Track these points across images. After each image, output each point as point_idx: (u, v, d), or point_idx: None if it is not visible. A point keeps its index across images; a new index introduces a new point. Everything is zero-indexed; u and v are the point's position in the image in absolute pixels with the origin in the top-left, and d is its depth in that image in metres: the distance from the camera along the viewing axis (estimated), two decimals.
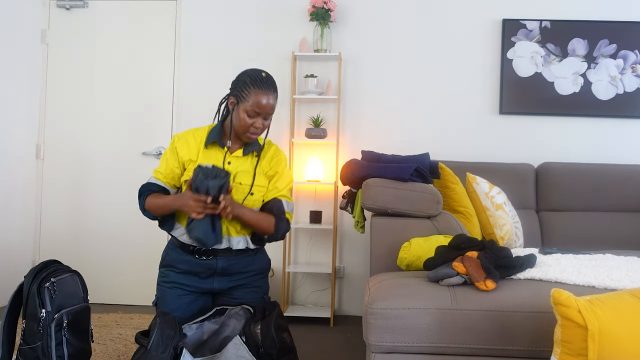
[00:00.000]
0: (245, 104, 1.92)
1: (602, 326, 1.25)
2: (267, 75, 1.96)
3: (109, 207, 3.73)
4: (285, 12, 3.69)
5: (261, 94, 1.91)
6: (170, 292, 2.01)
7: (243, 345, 1.75)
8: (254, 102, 1.91)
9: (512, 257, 1.81)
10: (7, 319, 1.95)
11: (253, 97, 1.91)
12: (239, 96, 1.94)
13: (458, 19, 3.62)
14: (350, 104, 3.65)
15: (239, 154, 2.02)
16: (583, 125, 3.54)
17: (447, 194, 2.59)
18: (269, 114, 1.95)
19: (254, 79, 1.92)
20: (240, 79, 1.96)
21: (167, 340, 1.69)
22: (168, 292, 2.01)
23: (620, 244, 3.02)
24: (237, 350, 1.74)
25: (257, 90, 1.91)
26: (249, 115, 1.93)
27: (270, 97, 1.93)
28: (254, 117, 1.93)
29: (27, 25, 3.71)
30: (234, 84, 1.97)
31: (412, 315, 1.60)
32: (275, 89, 1.96)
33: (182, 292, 2.01)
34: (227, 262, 2.01)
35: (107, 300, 3.71)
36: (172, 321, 1.77)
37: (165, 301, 2.01)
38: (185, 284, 2.01)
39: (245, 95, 1.92)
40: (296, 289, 3.67)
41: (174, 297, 2.00)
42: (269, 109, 1.93)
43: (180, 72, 3.72)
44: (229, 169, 1.98)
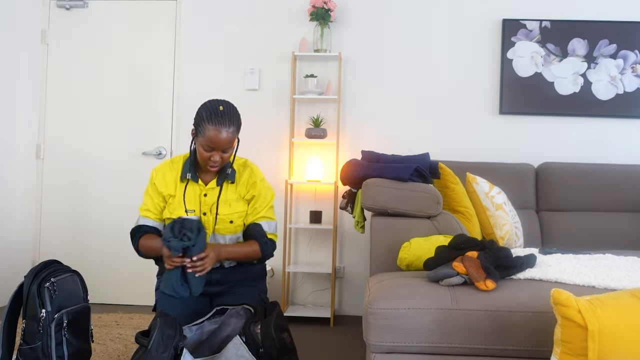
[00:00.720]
0: (201, 139, 1.91)
1: (602, 326, 1.25)
2: (225, 108, 1.91)
3: (109, 207, 3.73)
4: (285, 12, 3.69)
5: (215, 130, 1.88)
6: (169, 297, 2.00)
7: (243, 345, 1.75)
8: (208, 137, 1.88)
9: (512, 257, 1.81)
10: (7, 319, 1.95)
11: (207, 132, 1.88)
12: (197, 130, 1.93)
13: (458, 19, 3.62)
14: (350, 104, 3.65)
15: (213, 185, 2.03)
16: (583, 125, 3.54)
17: (447, 194, 2.59)
18: (226, 147, 1.92)
19: (209, 114, 1.89)
20: (199, 113, 1.93)
21: (167, 341, 1.69)
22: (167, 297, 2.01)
23: (620, 244, 3.02)
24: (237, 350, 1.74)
25: (210, 126, 1.88)
26: (205, 150, 1.92)
27: (225, 132, 1.88)
28: (210, 152, 1.92)
29: (27, 25, 3.71)
30: (195, 116, 1.96)
31: (412, 315, 1.60)
32: (233, 121, 1.91)
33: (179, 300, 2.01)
34: (222, 273, 2.08)
35: (107, 300, 3.71)
36: (173, 321, 1.77)
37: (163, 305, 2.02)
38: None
39: (201, 129, 1.90)
40: (296, 289, 3.67)
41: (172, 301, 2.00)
42: (223, 143, 1.90)
43: (180, 72, 3.72)
44: (205, 201, 2.01)
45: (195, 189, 2.03)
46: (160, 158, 3.71)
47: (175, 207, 2.01)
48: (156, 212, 2.04)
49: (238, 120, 1.94)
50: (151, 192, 2.05)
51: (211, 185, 2.03)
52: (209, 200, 2.02)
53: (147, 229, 2.04)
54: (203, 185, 2.03)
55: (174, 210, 2.01)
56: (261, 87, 3.68)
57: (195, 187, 2.03)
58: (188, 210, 2.00)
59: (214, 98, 2.00)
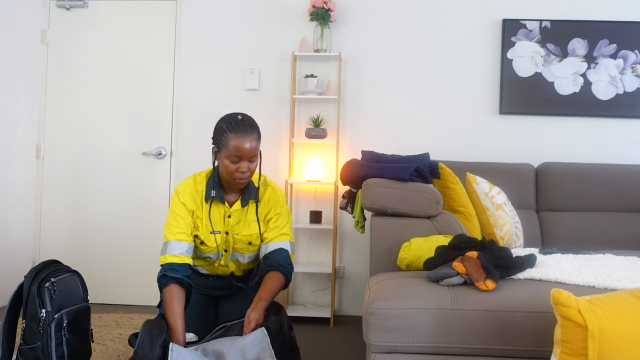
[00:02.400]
0: (226, 151, 1.87)
1: (602, 326, 1.25)
2: (244, 117, 1.90)
3: (109, 207, 3.73)
4: (285, 12, 3.69)
5: (239, 139, 1.85)
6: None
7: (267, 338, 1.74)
8: (234, 148, 1.85)
9: (512, 257, 1.80)
10: (7, 319, 1.95)
11: (232, 143, 1.85)
12: (219, 144, 1.89)
13: (458, 19, 3.62)
14: (350, 104, 3.65)
15: (237, 206, 1.99)
16: (583, 125, 3.54)
17: (447, 194, 2.59)
18: (252, 156, 1.89)
19: (230, 124, 1.87)
20: (218, 127, 1.91)
21: (152, 339, 1.69)
22: None
23: (620, 244, 3.02)
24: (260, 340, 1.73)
25: (233, 136, 1.85)
26: (232, 162, 1.88)
27: (250, 140, 1.86)
28: (237, 163, 1.88)
29: (27, 25, 3.71)
30: (214, 133, 1.93)
31: (412, 315, 1.60)
32: (255, 128, 1.90)
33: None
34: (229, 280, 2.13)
35: (107, 300, 3.71)
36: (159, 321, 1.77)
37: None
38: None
39: (224, 142, 1.87)
40: (296, 289, 3.67)
41: None
42: (250, 151, 1.87)
43: (180, 71, 3.72)
44: (229, 222, 1.99)
45: (219, 209, 1.99)
46: (160, 158, 3.71)
47: (202, 230, 1.98)
48: (188, 231, 1.96)
49: (258, 129, 1.92)
50: (179, 212, 1.95)
51: (236, 207, 1.99)
52: (232, 221, 2.00)
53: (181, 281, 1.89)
54: (227, 207, 1.99)
55: (201, 232, 1.97)
56: (261, 87, 3.68)
57: (219, 208, 1.99)
58: (214, 231, 1.98)
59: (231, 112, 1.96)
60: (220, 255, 2.04)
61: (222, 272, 2.10)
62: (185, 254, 1.93)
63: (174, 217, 1.95)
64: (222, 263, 2.06)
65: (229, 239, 2.02)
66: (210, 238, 1.98)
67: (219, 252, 2.03)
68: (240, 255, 2.06)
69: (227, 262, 2.07)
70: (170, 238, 1.93)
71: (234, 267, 2.10)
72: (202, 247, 2.01)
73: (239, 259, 2.07)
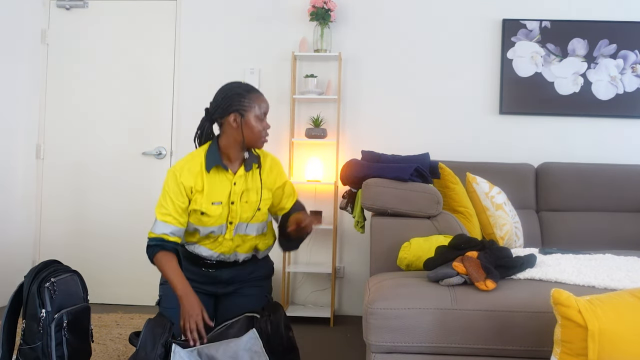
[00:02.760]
0: (252, 112, 1.94)
1: (602, 326, 1.25)
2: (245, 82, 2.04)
3: (109, 207, 3.73)
4: (285, 12, 3.69)
5: (260, 97, 1.97)
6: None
7: (259, 340, 1.74)
8: (258, 104, 1.95)
9: (512, 257, 1.81)
10: (7, 319, 1.95)
11: (254, 101, 1.95)
12: (241, 109, 1.93)
13: (458, 19, 3.62)
14: (350, 104, 3.65)
15: (241, 173, 2.00)
16: (583, 125, 3.54)
17: (447, 194, 2.59)
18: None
19: (244, 88, 1.97)
20: (230, 96, 1.94)
21: (154, 338, 1.69)
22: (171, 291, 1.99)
23: (620, 244, 3.01)
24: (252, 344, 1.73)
25: (254, 95, 1.96)
26: (260, 120, 1.96)
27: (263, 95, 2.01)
28: (263, 121, 1.97)
29: (27, 25, 3.71)
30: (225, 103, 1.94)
31: (412, 315, 1.60)
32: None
33: None
34: (232, 272, 2.08)
35: (107, 300, 3.71)
36: (162, 320, 1.77)
37: (167, 298, 2.02)
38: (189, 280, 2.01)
39: (249, 103, 1.94)
40: (296, 289, 3.67)
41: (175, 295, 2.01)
42: (268, 107, 2.00)
43: (180, 72, 3.72)
44: (234, 189, 1.98)
45: (222, 178, 1.99)
46: (160, 158, 3.71)
47: (204, 201, 1.96)
48: (177, 215, 1.95)
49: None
50: (172, 194, 1.95)
51: (240, 172, 2.00)
52: (237, 188, 1.99)
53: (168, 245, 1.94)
54: (232, 174, 1.99)
55: (202, 204, 1.95)
56: (261, 87, 3.68)
57: (222, 177, 1.99)
58: (215, 202, 1.96)
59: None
60: (225, 228, 2.00)
61: (227, 250, 2.04)
62: (171, 235, 1.94)
63: (165, 197, 1.96)
64: (227, 237, 2.01)
65: (235, 208, 1.99)
66: (212, 208, 1.96)
67: (224, 224, 1.99)
68: (247, 226, 2.02)
69: (232, 236, 2.01)
70: (159, 218, 1.96)
71: (239, 242, 2.04)
72: (204, 219, 1.97)
73: (247, 230, 2.03)
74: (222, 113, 1.96)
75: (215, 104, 1.98)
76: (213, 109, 1.99)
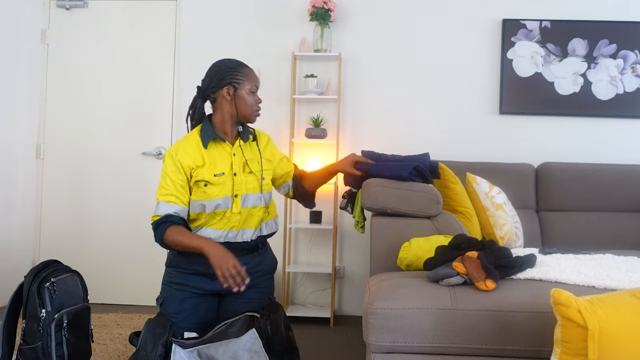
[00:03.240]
0: (245, 85, 1.99)
1: (602, 326, 1.25)
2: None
3: (108, 207, 3.73)
4: (285, 12, 3.69)
5: (251, 72, 2.03)
6: (177, 293, 1.99)
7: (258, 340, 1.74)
8: (251, 80, 2.01)
9: (512, 257, 1.81)
10: (7, 319, 1.95)
11: (246, 75, 2.00)
12: (234, 83, 1.99)
13: (458, 19, 3.62)
14: (350, 104, 3.65)
15: (239, 144, 2.05)
16: (583, 125, 3.54)
17: (447, 194, 2.59)
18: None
19: (236, 63, 2.02)
20: (223, 69, 1.99)
21: (155, 339, 1.69)
22: (175, 294, 1.99)
23: (620, 244, 3.01)
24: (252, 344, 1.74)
25: (245, 70, 2.02)
26: (253, 93, 2.01)
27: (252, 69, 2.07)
28: (255, 94, 2.02)
29: (27, 25, 3.71)
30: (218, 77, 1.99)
31: (412, 315, 1.60)
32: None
33: (189, 294, 1.99)
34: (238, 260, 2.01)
35: (107, 300, 3.71)
36: (162, 320, 1.77)
37: (171, 302, 1.99)
38: (193, 286, 1.99)
39: (240, 77, 1.99)
40: (296, 289, 3.67)
41: (180, 299, 1.98)
42: (259, 83, 2.06)
43: (180, 72, 3.72)
44: (235, 160, 2.01)
45: (221, 150, 2.01)
46: (160, 158, 3.71)
47: (205, 173, 1.95)
48: (179, 194, 1.94)
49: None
50: (171, 173, 1.94)
51: (237, 144, 2.04)
52: (237, 159, 2.01)
53: (175, 219, 1.92)
54: (230, 145, 2.02)
55: (204, 176, 1.95)
56: (261, 87, 3.67)
57: (221, 149, 2.01)
58: (217, 174, 1.96)
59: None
60: (231, 201, 1.98)
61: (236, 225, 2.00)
62: (175, 215, 1.93)
63: (165, 178, 1.97)
64: (235, 210, 1.98)
65: (238, 180, 1.99)
66: (214, 180, 1.96)
67: (229, 196, 1.97)
68: (254, 197, 2.01)
69: (240, 209, 1.99)
70: (161, 199, 1.95)
71: (247, 215, 2.01)
72: (209, 191, 1.94)
73: (254, 202, 2.02)
74: (215, 87, 1.99)
75: (207, 79, 2.01)
76: (205, 85, 2.02)
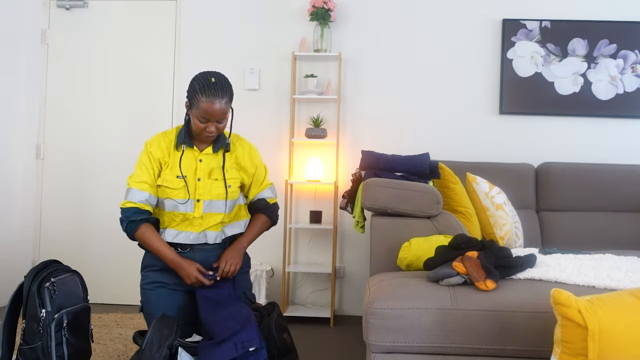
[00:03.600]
0: (196, 111, 1.92)
1: (602, 326, 1.25)
2: (217, 80, 1.92)
3: (109, 207, 3.73)
4: (285, 12, 3.69)
5: (208, 102, 1.88)
6: (154, 292, 2.01)
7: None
8: (202, 109, 1.89)
9: (512, 257, 1.81)
10: (7, 319, 1.95)
11: (201, 104, 1.89)
12: (191, 102, 1.94)
13: (458, 19, 3.62)
14: (350, 104, 3.65)
15: (209, 151, 2.04)
16: (583, 125, 3.54)
17: (447, 194, 2.59)
18: (221, 118, 1.93)
19: (202, 86, 1.90)
20: (191, 86, 1.94)
21: (161, 340, 1.69)
22: (151, 294, 2.01)
23: (620, 244, 3.02)
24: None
25: (204, 98, 1.89)
26: (200, 122, 1.92)
27: (219, 103, 1.89)
28: (205, 123, 1.93)
29: (27, 25, 3.71)
30: (188, 89, 1.97)
31: (412, 315, 1.60)
32: (226, 92, 1.92)
33: (166, 291, 2.01)
34: (204, 254, 2.04)
35: (107, 300, 3.71)
36: (169, 321, 1.77)
37: (150, 304, 2.00)
38: (167, 282, 2.01)
39: (195, 102, 1.91)
40: (296, 289, 3.67)
41: (158, 297, 2.00)
42: (218, 114, 1.91)
43: (180, 71, 3.72)
44: (200, 166, 2.02)
45: (189, 155, 2.03)
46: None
47: (168, 174, 2.00)
48: (150, 181, 2.00)
49: (230, 91, 1.94)
50: (145, 161, 2.01)
51: (207, 151, 2.04)
52: (204, 166, 2.02)
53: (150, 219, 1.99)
54: (198, 151, 2.04)
55: (166, 177, 2.00)
56: (261, 87, 3.68)
57: (189, 154, 2.03)
58: (179, 176, 2.00)
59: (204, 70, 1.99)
60: (192, 205, 2.00)
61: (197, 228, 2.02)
62: (146, 203, 1.99)
63: (139, 166, 2.02)
64: (197, 214, 2.00)
65: (202, 185, 2.00)
66: (175, 181, 1.99)
67: (190, 200, 2.00)
68: (218, 203, 2.02)
69: (202, 214, 2.01)
70: (132, 185, 2.00)
71: (209, 220, 2.03)
72: (168, 191, 1.99)
73: (218, 208, 2.03)
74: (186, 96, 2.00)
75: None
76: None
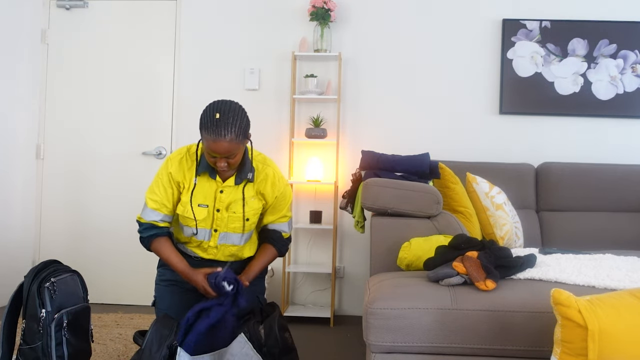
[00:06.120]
0: (203, 145, 1.84)
1: (602, 326, 1.25)
2: (222, 116, 1.77)
3: (108, 207, 3.73)
4: (285, 12, 3.69)
5: (211, 140, 1.77)
6: (167, 289, 2.06)
7: (248, 343, 1.75)
8: (208, 146, 1.80)
9: (512, 257, 1.81)
10: (7, 319, 1.95)
11: (206, 142, 1.80)
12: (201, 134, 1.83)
13: (458, 19, 3.62)
14: (350, 104, 3.65)
15: (230, 183, 1.96)
16: (583, 125, 3.54)
17: (447, 194, 2.59)
18: (229, 154, 1.81)
19: (205, 123, 1.78)
20: (200, 118, 1.82)
21: (161, 340, 1.69)
22: (165, 290, 2.06)
23: (620, 244, 3.01)
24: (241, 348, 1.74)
25: (207, 136, 1.78)
26: (210, 156, 1.84)
27: (222, 141, 1.76)
28: (213, 158, 1.84)
29: (27, 25, 3.71)
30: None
31: (412, 315, 1.60)
32: (231, 129, 1.77)
33: (179, 289, 2.04)
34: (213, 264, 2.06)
35: (107, 300, 3.71)
36: (169, 321, 1.77)
37: (162, 299, 2.05)
38: (182, 282, 2.02)
39: (202, 136, 1.82)
40: (296, 289, 3.67)
41: (170, 294, 2.04)
42: (223, 152, 1.79)
43: (180, 72, 3.72)
44: (220, 197, 1.96)
45: (211, 183, 1.96)
46: (160, 158, 3.71)
47: (187, 200, 1.94)
48: (168, 204, 1.96)
49: (238, 126, 1.79)
50: (165, 182, 1.95)
51: (229, 182, 1.95)
52: (224, 197, 1.95)
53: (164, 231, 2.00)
54: (220, 182, 1.96)
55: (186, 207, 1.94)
56: (261, 87, 3.68)
57: (211, 182, 1.96)
58: (201, 204, 1.94)
59: (217, 100, 1.87)
60: (209, 235, 1.99)
61: (212, 256, 2.04)
62: (161, 222, 1.99)
63: (158, 183, 1.98)
64: (212, 244, 2.00)
65: (220, 217, 1.96)
66: (198, 210, 1.93)
67: (208, 230, 1.98)
68: (234, 236, 2.00)
69: (217, 244, 2.00)
70: (149, 205, 1.98)
71: (225, 252, 2.02)
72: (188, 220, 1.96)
73: (233, 240, 2.01)
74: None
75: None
76: None
